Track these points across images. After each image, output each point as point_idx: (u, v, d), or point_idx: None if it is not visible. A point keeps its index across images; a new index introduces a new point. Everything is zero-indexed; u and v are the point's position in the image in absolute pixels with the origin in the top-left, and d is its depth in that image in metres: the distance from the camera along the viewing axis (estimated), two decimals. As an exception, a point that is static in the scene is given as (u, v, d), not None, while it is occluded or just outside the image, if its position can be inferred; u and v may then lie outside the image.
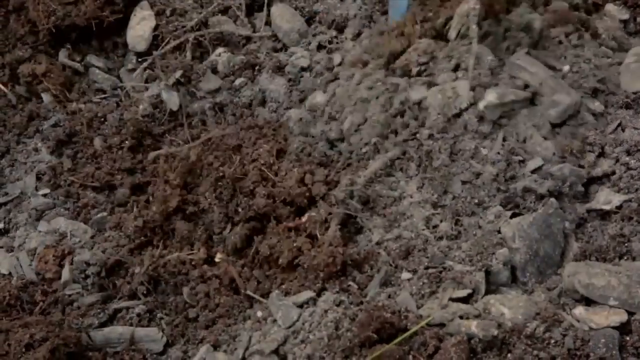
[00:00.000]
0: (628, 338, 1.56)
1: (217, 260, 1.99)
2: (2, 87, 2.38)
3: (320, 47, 2.38)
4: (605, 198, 1.85)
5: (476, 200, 1.89)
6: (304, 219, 1.96)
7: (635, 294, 1.59)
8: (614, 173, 1.91)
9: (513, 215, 1.84)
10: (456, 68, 2.06)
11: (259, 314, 1.81)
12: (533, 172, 1.90)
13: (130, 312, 1.90)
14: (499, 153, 1.92)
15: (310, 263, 1.84)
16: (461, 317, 1.62)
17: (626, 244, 1.77)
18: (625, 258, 1.75)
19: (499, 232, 1.81)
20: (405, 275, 1.78)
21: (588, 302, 1.64)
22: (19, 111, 2.39)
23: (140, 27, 2.47)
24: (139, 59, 2.45)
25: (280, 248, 1.91)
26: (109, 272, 1.97)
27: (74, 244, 2.02)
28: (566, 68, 2.09)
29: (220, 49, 2.36)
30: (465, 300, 1.68)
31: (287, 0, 2.51)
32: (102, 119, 2.32)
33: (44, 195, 2.17)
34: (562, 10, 2.23)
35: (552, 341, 1.57)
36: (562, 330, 1.58)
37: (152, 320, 1.90)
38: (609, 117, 2.03)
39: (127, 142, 2.25)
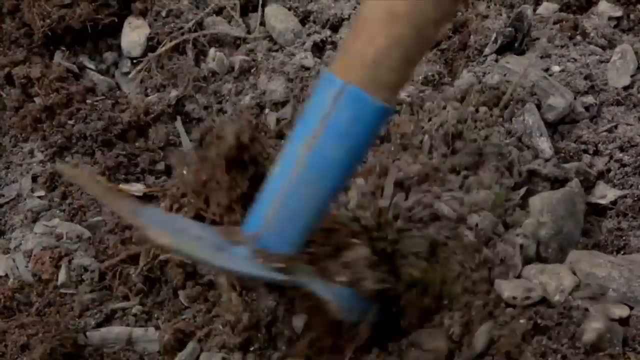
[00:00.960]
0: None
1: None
2: (-2, 90, 2.37)
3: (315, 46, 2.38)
4: (601, 192, 1.86)
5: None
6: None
7: (635, 289, 1.58)
8: (609, 171, 1.92)
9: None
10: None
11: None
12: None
13: (127, 313, 1.88)
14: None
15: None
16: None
17: (624, 238, 1.77)
18: (623, 252, 1.75)
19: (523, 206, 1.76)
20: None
21: (588, 291, 1.64)
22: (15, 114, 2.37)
23: (134, 34, 2.46)
24: (134, 61, 2.44)
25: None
26: (105, 273, 1.95)
27: (70, 246, 2.01)
28: (556, 68, 2.11)
29: (214, 50, 2.36)
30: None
31: (280, 0, 2.51)
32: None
33: (40, 197, 2.16)
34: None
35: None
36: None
37: (148, 320, 1.88)
38: (601, 115, 2.04)
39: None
